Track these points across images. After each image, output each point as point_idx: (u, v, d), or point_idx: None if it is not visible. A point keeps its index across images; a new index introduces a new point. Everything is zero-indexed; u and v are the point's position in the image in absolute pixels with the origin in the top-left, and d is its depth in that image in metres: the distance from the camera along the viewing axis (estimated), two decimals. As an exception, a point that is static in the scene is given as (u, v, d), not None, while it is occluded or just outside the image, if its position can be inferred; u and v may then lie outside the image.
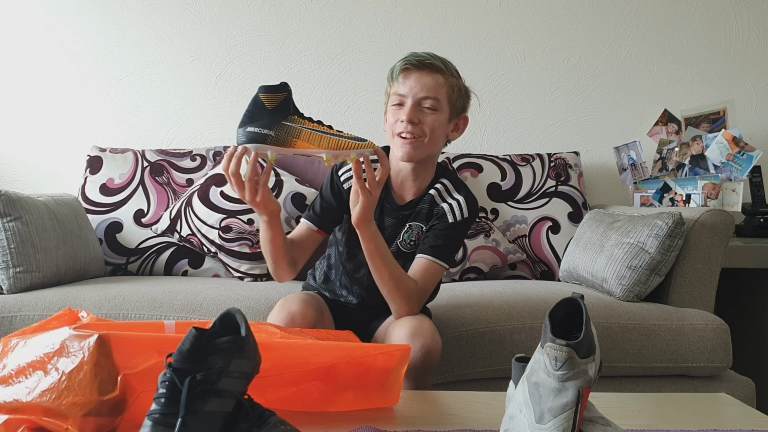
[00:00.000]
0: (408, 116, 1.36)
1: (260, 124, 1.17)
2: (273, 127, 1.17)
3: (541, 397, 0.74)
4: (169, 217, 2.11)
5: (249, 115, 1.18)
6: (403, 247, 1.47)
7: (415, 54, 1.40)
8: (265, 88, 1.18)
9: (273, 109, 1.17)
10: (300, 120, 1.19)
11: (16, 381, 0.85)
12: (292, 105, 1.20)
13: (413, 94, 1.37)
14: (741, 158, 2.16)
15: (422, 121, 1.37)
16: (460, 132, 1.48)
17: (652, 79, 2.60)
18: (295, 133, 1.17)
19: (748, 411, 1.06)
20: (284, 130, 1.17)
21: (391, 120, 1.41)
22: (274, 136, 1.17)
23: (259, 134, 1.16)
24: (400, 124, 1.38)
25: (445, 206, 1.45)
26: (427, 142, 1.39)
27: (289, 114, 1.19)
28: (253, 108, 1.18)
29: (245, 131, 1.18)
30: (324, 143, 1.17)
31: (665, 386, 1.66)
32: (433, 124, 1.38)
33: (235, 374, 0.76)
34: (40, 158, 2.50)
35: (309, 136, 1.17)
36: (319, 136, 1.18)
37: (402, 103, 1.39)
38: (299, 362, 0.95)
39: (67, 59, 2.50)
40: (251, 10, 2.52)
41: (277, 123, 1.17)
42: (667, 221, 1.73)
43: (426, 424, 0.94)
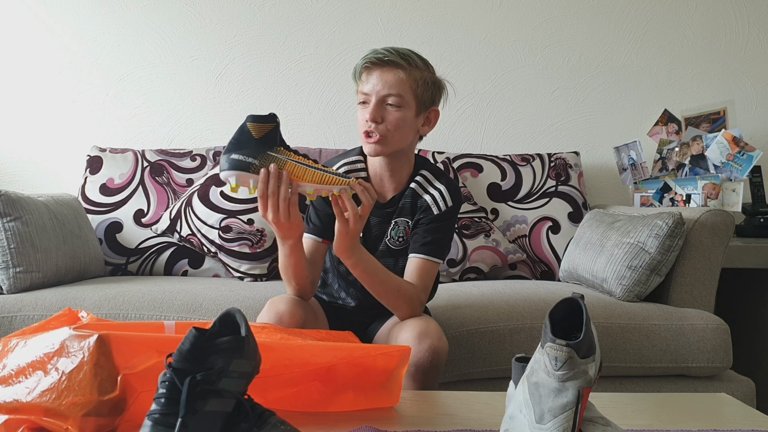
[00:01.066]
0: (370, 115, 1.35)
1: (246, 153, 1.15)
2: (258, 156, 1.16)
3: (541, 397, 0.74)
4: (169, 217, 2.11)
5: (235, 143, 1.17)
6: (392, 244, 1.46)
7: (375, 51, 1.38)
8: (254, 117, 1.17)
9: (260, 139, 1.16)
10: (286, 152, 1.18)
11: (16, 381, 0.85)
12: (279, 137, 1.19)
13: (376, 92, 1.36)
14: (741, 158, 2.16)
15: (385, 119, 1.36)
16: (431, 125, 1.45)
17: (652, 79, 2.60)
18: (280, 165, 1.17)
19: (748, 411, 1.06)
20: (269, 160, 1.16)
21: (359, 118, 1.40)
22: (258, 165, 1.16)
23: (243, 162, 1.15)
24: (364, 123, 1.37)
25: (428, 198, 1.44)
26: (391, 139, 1.37)
27: (275, 145, 1.18)
28: (239, 136, 1.17)
29: (229, 158, 1.16)
30: (308, 177, 1.17)
31: (665, 386, 1.66)
32: (397, 121, 1.36)
33: (235, 374, 0.76)
34: (40, 158, 2.50)
35: (294, 169, 1.17)
36: (304, 170, 1.17)
37: (366, 102, 1.37)
38: (299, 363, 0.95)
39: (67, 59, 2.50)
40: (251, 10, 2.52)
41: (262, 153, 1.16)
42: (667, 221, 1.73)
43: (426, 424, 0.94)
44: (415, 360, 1.25)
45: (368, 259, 1.33)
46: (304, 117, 2.53)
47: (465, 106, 2.56)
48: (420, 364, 1.25)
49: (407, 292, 1.36)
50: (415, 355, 1.24)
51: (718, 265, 1.79)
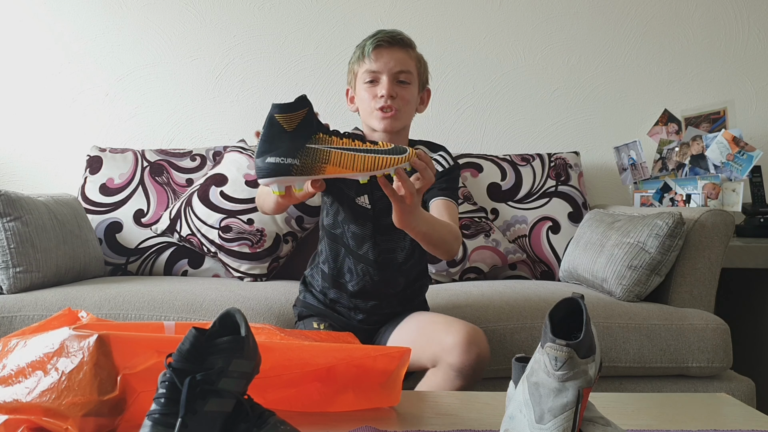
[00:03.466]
0: (388, 90, 1.41)
1: (281, 152, 1.02)
2: (297, 154, 1.02)
3: (541, 397, 0.74)
4: (169, 217, 2.11)
5: (267, 141, 1.03)
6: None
7: (383, 31, 1.46)
8: (280, 107, 1.03)
9: (293, 131, 1.02)
10: (327, 138, 1.04)
11: (15, 381, 0.85)
12: (315, 121, 1.05)
13: (388, 69, 1.43)
14: (741, 158, 2.16)
15: (399, 94, 1.43)
16: (425, 104, 1.54)
17: (652, 79, 2.60)
18: (323, 157, 1.03)
19: (748, 411, 1.06)
20: (311, 156, 1.02)
21: (366, 96, 1.45)
22: (300, 165, 1.02)
23: (282, 165, 1.02)
24: (379, 100, 1.43)
25: (436, 156, 1.51)
26: (404, 114, 1.45)
27: (312, 133, 1.04)
28: (269, 131, 1.03)
29: (265, 162, 1.02)
30: (358, 164, 1.04)
31: (665, 386, 1.66)
32: (408, 96, 1.45)
33: (235, 374, 0.76)
34: (40, 158, 2.50)
35: (340, 158, 1.03)
36: (352, 157, 1.03)
37: (376, 80, 1.44)
38: (299, 363, 0.95)
39: (67, 59, 2.50)
40: (251, 10, 2.52)
41: (301, 148, 1.02)
42: (667, 221, 1.73)
43: (426, 424, 0.94)
44: (461, 366, 1.26)
45: (424, 216, 1.27)
46: (304, 117, 2.53)
47: (465, 106, 2.56)
48: (466, 371, 1.26)
49: (455, 231, 1.38)
50: (462, 362, 1.26)
51: (718, 265, 1.79)
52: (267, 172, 1.03)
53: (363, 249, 1.47)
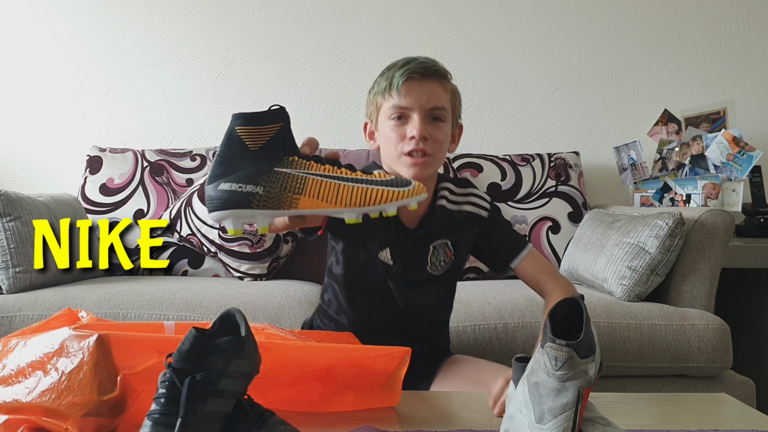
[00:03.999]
0: (420, 131, 1.17)
1: (240, 177, 0.79)
2: (261, 180, 0.79)
3: (541, 397, 0.74)
4: (169, 216, 2.11)
5: (222, 162, 0.79)
6: (434, 270, 1.30)
7: (415, 60, 1.21)
8: (243, 117, 0.80)
9: (259, 151, 0.80)
10: (303, 163, 0.82)
11: (15, 381, 0.85)
12: (291, 142, 0.82)
13: (420, 105, 1.18)
14: (741, 158, 2.16)
15: (431, 135, 1.19)
16: (456, 143, 1.31)
17: (652, 79, 2.60)
18: (295, 186, 0.80)
19: (748, 411, 1.06)
20: (279, 183, 0.80)
21: (393, 136, 1.20)
22: (264, 194, 0.79)
23: (239, 194, 0.78)
24: (408, 142, 1.18)
25: (469, 208, 1.31)
26: (437, 158, 1.21)
27: (285, 155, 0.81)
28: (227, 150, 0.80)
29: (217, 189, 0.79)
30: (344, 197, 0.82)
31: (665, 386, 1.66)
32: (442, 137, 1.21)
33: (235, 374, 0.76)
34: (40, 158, 2.50)
35: (319, 188, 0.81)
36: (335, 186, 0.81)
37: (404, 116, 1.20)
38: (299, 364, 0.95)
39: (67, 59, 2.50)
40: (251, 10, 2.52)
41: (266, 172, 0.79)
42: (667, 221, 1.73)
43: (426, 424, 0.94)
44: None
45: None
46: (304, 117, 2.53)
47: (465, 106, 2.53)
48: None
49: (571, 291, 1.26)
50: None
51: (718, 265, 1.79)
52: (219, 203, 0.79)
53: (386, 306, 1.27)
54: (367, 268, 1.26)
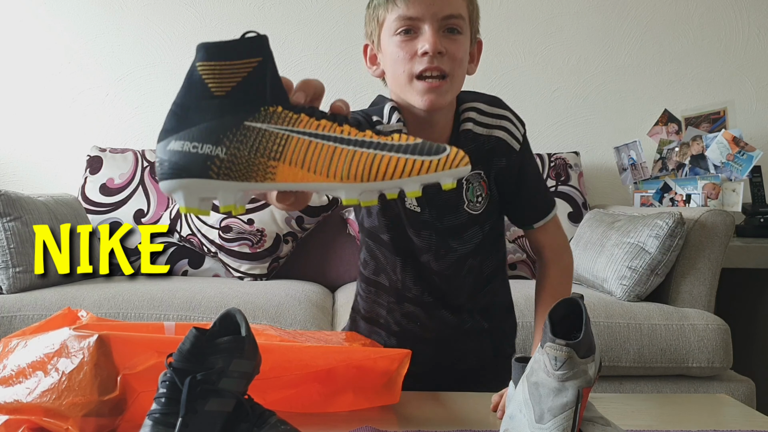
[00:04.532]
0: (433, 45, 0.95)
1: (196, 134, 0.58)
2: (223, 138, 0.57)
3: (541, 396, 0.74)
4: (169, 217, 2.11)
5: (177, 112, 0.60)
6: (473, 209, 1.09)
7: None
8: (208, 49, 0.58)
9: (226, 96, 0.58)
10: (287, 116, 0.58)
11: (16, 381, 0.85)
12: (274, 84, 0.59)
13: (431, 13, 0.96)
14: (741, 158, 2.16)
15: (448, 50, 0.97)
16: (476, 63, 1.08)
17: (652, 79, 2.60)
18: (271, 148, 0.57)
19: (748, 411, 1.06)
20: (248, 143, 0.57)
21: (400, 54, 0.98)
22: (226, 158, 0.57)
23: (193, 157, 0.57)
24: (420, 60, 0.96)
25: (499, 133, 1.07)
26: (455, 79, 1.00)
27: (263, 104, 0.58)
28: (184, 95, 0.59)
29: (166, 150, 0.59)
30: (341, 167, 0.57)
31: (665, 386, 1.66)
32: (460, 52, 0.99)
33: (235, 374, 0.76)
34: (40, 158, 2.50)
35: (305, 153, 0.57)
36: (330, 151, 0.57)
37: (412, 29, 0.98)
38: (298, 365, 0.95)
39: (67, 59, 2.50)
40: (251, 10, 2.52)
41: (234, 127, 0.57)
42: (667, 221, 1.73)
43: (426, 424, 0.94)
44: None
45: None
46: (304, 117, 2.53)
47: (465, 106, 2.56)
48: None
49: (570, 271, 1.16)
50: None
51: (718, 265, 1.79)
52: (167, 168, 0.58)
53: (423, 258, 1.10)
54: (405, 215, 1.07)
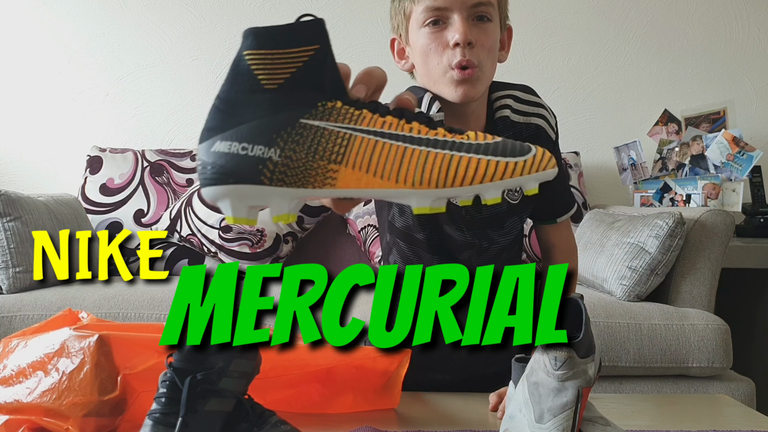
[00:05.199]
0: (464, 35, 0.92)
1: (246, 133, 0.50)
2: (277, 138, 0.50)
3: (541, 396, 0.74)
4: (169, 217, 2.11)
5: (222, 108, 0.52)
6: (512, 198, 1.06)
7: None
8: (258, 35, 0.51)
9: (278, 90, 0.50)
10: (349, 113, 0.51)
11: (16, 381, 0.85)
12: (331, 75, 0.51)
13: (460, 2, 0.93)
14: (741, 158, 2.16)
15: (478, 40, 0.94)
16: (507, 50, 1.06)
17: (652, 79, 2.60)
18: (333, 150, 0.50)
19: (748, 412, 1.06)
20: (306, 144, 0.50)
21: (430, 46, 0.95)
22: (281, 162, 0.50)
23: (243, 159, 0.50)
24: (453, 52, 0.93)
25: (538, 121, 1.05)
26: (486, 69, 0.97)
27: (321, 98, 0.51)
28: (231, 88, 0.52)
29: (210, 151, 0.51)
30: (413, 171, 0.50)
31: (665, 386, 1.66)
32: (490, 41, 0.96)
33: (236, 374, 0.76)
34: (40, 158, 2.50)
35: (372, 154, 0.50)
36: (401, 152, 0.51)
37: (441, 19, 0.95)
38: (298, 364, 0.95)
39: (67, 59, 2.50)
40: (251, 10, 2.52)
41: (288, 125, 0.50)
42: (667, 221, 1.73)
43: (426, 424, 0.94)
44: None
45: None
46: (304, 117, 2.53)
47: (465, 106, 2.56)
48: None
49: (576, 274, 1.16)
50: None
51: (718, 265, 1.79)
52: (212, 173, 0.51)
53: (463, 255, 1.05)
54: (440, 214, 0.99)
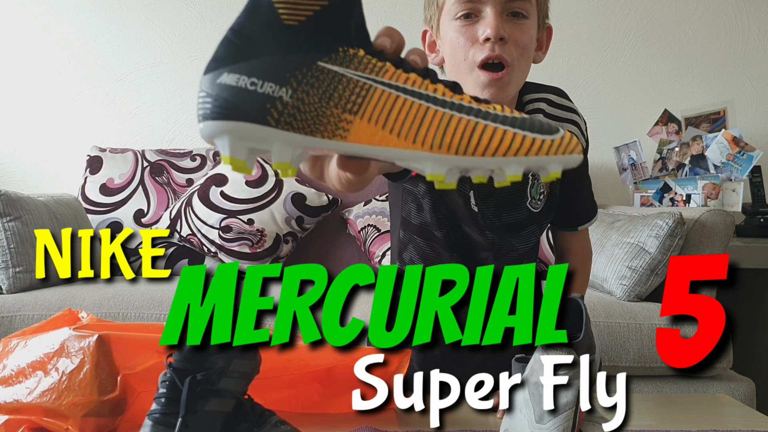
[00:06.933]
0: (495, 30, 0.87)
1: (257, 67, 0.46)
2: (291, 76, 0.46)
3: (541, 397, 0.74)
4: (169, 217, 2.11)
5: (234, 40, 0.47)
6: (534, 206, 1.03)
7: None
8: None
9: (299, 27, 0.46)
10: (371, 63, 0.48)
11: (16, 381, 0.85)
12: (356, 20, 0.48)
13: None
14: (741, 158, 2.16)
15: (511, 35, 0.89)
16: (544, 50, 1.01)
17: (652, 79, 2.60)
18: (350, 98, 0.46)
19: (748, 411, 1.06)
20: (322, 88, 0.46)
21: (460, 40, 0.91)
22: (292, 103, 0.45)
23: (251, 95, 0.45)
24: (481, 48, 0.89)
25: (572, 128, 1.03)
26: (518, 69, 0.92)
27: (342, 43, 0.47)
28: (246, 21, 0.47)
29: (215, 83, 0.46)
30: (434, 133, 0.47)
31: (665, 386, 1.66)
32: (525, 38, 0.91)
33: (235, 374, 0.76)
34: (40, 158, 2.50)
35: (392, 110, 0.47)
36: (422, 111, 0.47)
37: (474, 13, 0.90)
38: (298, 364, 0.95)
39: (67, 59, 2.50)
40: (251, 10, 2.52)
41: (305, 65, 0.46)
42: (667, 221, 1.73)
43: (426, 424, 0.94)
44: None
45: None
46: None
47: (465, 106, 2.56)
48: None
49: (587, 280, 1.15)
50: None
51: (718, 265, 1.79)
52: (215, 106, 0.46)
53: (482, 255, 1.03)
54: (460, 211, 0.99)
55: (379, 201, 2.15)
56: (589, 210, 1.12)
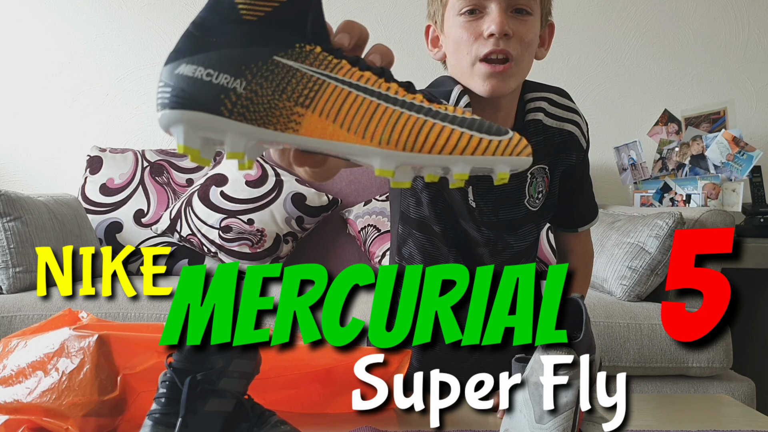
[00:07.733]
0: (500, 26, 0.89)
1: (214, 59, 0.47)
2: (246, 70, 0.47)
3: (541, 397, 0.74)
4: (169, 217, 2.11)
5: (195, 32, 0.48)
6: (532, 205, 1.03)
7: None
8: None
9: (257, 23, 0.48)
10: (326, 59, 0.50)
11: (16, 381, 0.85)
12: (315, 18, 0.51)
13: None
14: (741, 158, 2.16)
15: (515, 31, 0.91)
16: (546, 47, 1.03)
17: (652, 79, 2.60)
18: (302, 92, 0.48)
19: (748, 412, 1.06)
20: (275, 81, 0.48)
21: (463, 36, 0.92)
22: (245, 94, 0.47)
23: (206, 86, 0.47)
24: (485, 42, 0.90)
25: (571, 127, 1.04)
26: (521, 65, 0.93)
27: (299, 39, 0.49)
28: (207, 14, 0.48)
29: (173, 74, 0.48)
30: (382, 129, 0.48)
31: (665, 386, 1.66)
32: (528, 34, 0.93)
33: (235, 374, 0.76)
34: (40, 158, 2.50)
35: (342, 105, 0.48)
36: (372, 107, 0.49)
37: (478, 9, 0.92)
38: (298, 364, 0.95)
39: (67, 59, 2.50)
40: (251, 10, 2.52)
41: (260, 59, 0.48)
42: (667, 221, 1.73)
43: (426, 424, 0.94)
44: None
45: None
46: (304, 117, 2.53)
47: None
48: None
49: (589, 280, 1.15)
50: None
51: (718, 266, 1.79)
52: (171, 96, 0.47)
53: (478, 251, 1.04)
54: (457, 206, 1.00)
55: (379, 201, 2.15)
56: (590, 211, 1.13)
